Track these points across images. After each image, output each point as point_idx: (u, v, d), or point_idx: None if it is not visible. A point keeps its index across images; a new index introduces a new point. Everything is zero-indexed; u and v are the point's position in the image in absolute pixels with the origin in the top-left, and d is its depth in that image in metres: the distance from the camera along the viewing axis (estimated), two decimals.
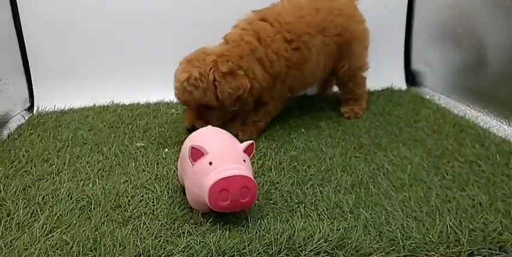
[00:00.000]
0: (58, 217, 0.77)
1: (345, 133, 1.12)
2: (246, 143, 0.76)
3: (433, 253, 0.67)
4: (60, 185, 0.87)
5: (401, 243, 0.68)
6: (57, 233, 0.71)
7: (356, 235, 0.69)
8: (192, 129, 0.99)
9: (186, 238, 0.69)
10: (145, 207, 0.80)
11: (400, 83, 1.51)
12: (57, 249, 0.68)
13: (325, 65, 1.15)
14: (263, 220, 0.74)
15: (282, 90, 1.11)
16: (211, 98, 0.99)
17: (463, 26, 1.28)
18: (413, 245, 0.68)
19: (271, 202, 0.81)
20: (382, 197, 0.82)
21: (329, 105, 1.32)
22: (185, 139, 0.82)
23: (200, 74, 0.98)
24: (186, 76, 0.98)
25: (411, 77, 1.54)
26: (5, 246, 0.68)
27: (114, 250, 0.67)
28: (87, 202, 0.81)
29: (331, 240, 0.68)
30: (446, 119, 1.18)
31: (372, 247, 0.67)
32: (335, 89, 1.39)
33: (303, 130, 1.15)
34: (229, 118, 1.09)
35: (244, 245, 0.67)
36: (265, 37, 1.04)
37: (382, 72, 1.50)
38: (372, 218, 0.75)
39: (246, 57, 1.02)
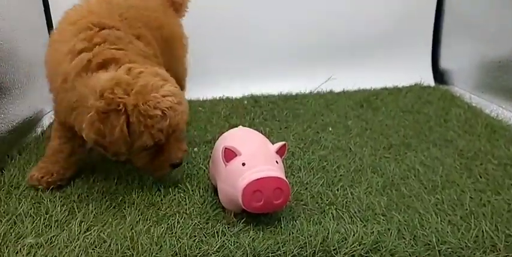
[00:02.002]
0: (94, 215, 0.79)
1: (374, 132, 1.11)
2: (278, 144, 0.76)
3: None
4: (94, 183, 0.89)
5: (436, 248, 0.67)
6: (94, 231, 0.73)
7: (390, 238, 0.69)
8: None
9: (220, 238, 0.70)
10: (178, 206, 0.81)
11: (428, 80, 1.49)
12: (95, 247, 0.69)
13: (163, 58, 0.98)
14: (295, 222, 0.74)
15: None
16: None
17: (496, 24, 1.24)
18: (449, 250, 0.67)
19: (302, 203, 0.81)
20: (415, 200, 0.81)
21: (356, 103, 1.31)
22: (213, 138, 0.82)
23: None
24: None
25: (439, 76, 1.51)
26: (45, 243, 0.71)
27: (151, 249, 0.68)
28: (121, 201, 0.83)
29: (365, 243, 0.68)
30: (478, 119, 1.15)
31: (407, 251, 0.67)
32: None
33: (330, 129, 1.14)
34: None
35: (279, 247, 0.68)
36: (128, 44, 0.87)
37: (410, 70, 1.48)
38: (405, 221, 0.74)
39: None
